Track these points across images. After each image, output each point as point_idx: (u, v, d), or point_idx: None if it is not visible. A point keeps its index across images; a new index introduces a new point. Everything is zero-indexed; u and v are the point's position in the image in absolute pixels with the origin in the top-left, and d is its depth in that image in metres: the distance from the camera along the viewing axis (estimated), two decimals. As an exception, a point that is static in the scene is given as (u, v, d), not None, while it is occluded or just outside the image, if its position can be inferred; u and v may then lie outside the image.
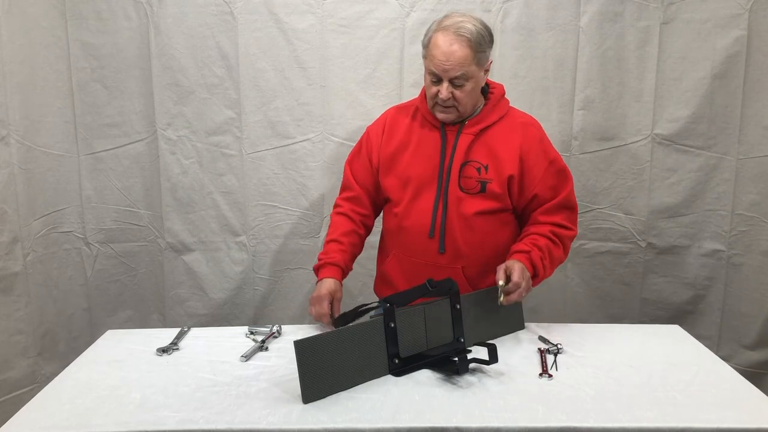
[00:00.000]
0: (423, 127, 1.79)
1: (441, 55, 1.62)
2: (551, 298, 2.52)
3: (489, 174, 1.71)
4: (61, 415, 1.26)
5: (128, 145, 2.37)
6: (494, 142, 1.73)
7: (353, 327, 1.45)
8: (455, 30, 1.62)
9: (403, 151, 1.78)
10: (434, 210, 1.72)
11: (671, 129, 2.39)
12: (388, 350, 1.46)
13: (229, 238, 2.46)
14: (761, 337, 2.41)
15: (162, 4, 2.26)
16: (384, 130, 1.83)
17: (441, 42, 1.63)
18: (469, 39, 1.62)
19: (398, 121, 1.83)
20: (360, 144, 1.90)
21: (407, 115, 1.83)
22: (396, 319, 1.47)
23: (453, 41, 1.62)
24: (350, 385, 1.39)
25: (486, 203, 1.72)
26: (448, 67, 1.63)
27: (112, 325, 2.39)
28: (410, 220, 1.75)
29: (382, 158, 1.81)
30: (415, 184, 1.75)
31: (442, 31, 1.64)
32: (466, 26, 1.62)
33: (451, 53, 1.62)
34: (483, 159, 1.72)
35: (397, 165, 1.78)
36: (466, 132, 1.74)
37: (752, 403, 1.33)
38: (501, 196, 1.72)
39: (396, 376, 1.45)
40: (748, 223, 2.40)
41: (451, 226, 1.72)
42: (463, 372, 1.42)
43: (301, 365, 1.32)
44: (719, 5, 2.28)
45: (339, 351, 1.38)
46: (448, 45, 1.62)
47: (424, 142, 1.77)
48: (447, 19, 1.66)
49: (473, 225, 1.72)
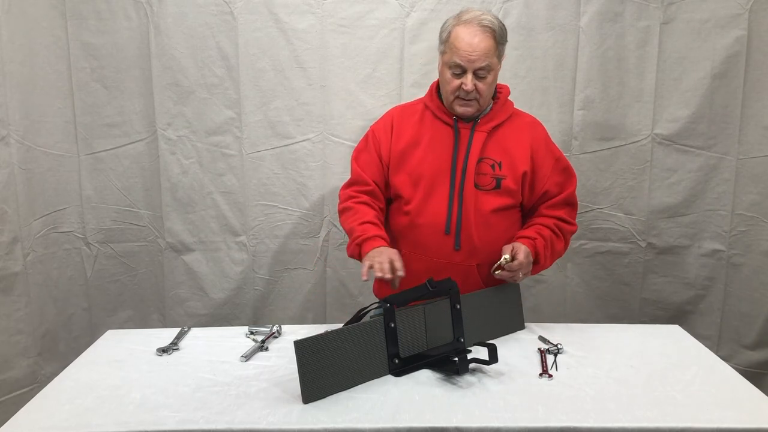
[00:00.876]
0: (434, 124, 1.79)
1: (467, 46, 1.64)
2: (551, 298, 2.52)
3: (503, 171, 1.74)
4: (61, 415, 1.26)
5: (128, 145, 2.37)
6: (505, 139, 1.77)
7: (353, 327, 1.45)
8: (479, 22, 1.66)
9: (414, 148, 1.78)
10: (449, 206, 1.72)
11: (671, 129, 2.39)
12: (388, 350, 1.46)
13: (229, 238, 2.46)
14: (761, 337, 2.41)
15: (162, 4, 2.26)
16: (393, 127, 1.82)
17: (465, 34, 1.65)
18: (492, 30, 1.67)
19: (405, 119, 1.83)
20: (366, 142, 1.88)
21: (413, 114, 1.84)
22: (396, 319, 1.47)
23: (477, 32, 1.65)
24: (350, 385, 1.39)
25: (501, 200, 1.75)
26: (474, 57, 1.65)
27: (112, 325, 2.39)
28: (424, 217, 1.74)
29: (393, 155, 1.79)
30: (427, 180, 1.75)
31: (464, 24, 1.67)
32: (488, 18, 1.67)
33: (477, 44, 1.65)
34: (497, 156, 1.75)
35: (408, 162, 1.78)
36: (480, 129, 1.75)
37: (752, 403, 1.33)
38: (515, 192, 1.75)
39: (396, 376, 1.45)
40: (748, 223, 2.40)
41: (468, 222, 1.72)
42: (463, 372, 1.43)
43: (301, 365, 1.32)
44: (719, 5, 2.28)
45: (339, 351, 1.38)
46: (474, 36, 1.65)
47: (436, 139, 1.77)
48: (466, 13, 1.69)
49: (490, 222, 1.74)
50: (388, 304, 1.47)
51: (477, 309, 1.64)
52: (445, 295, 1.57)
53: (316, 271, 2.48)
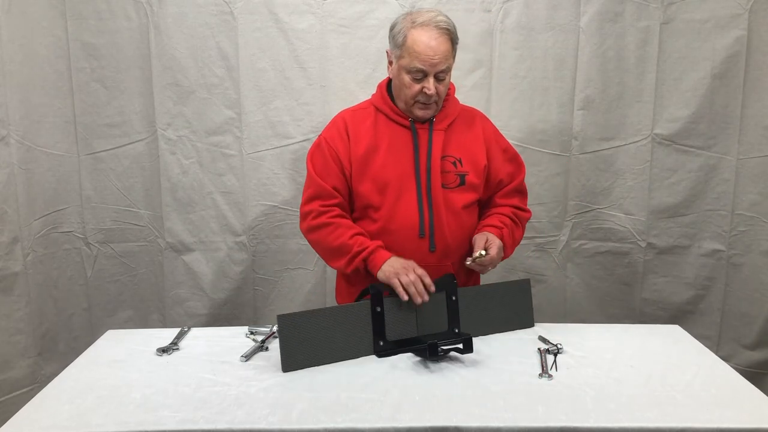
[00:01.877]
0: (390, 127, 1.75)
1: (428, 50, 1.62)
2: (551, 298, 2.52)
3: (465, 167, 1.75)
4: (61, 415, 1.26)
5: (128, 145, 2.37)
6: (460, 135, 1.78)
7: (338, 307, 1.53)
8: (436, 24, 1.63)
9: (374, 153, 1.72)
10: (420, 209, 1.71)
11: (671, 129, 2.39)
12: (373, 332, 1.52)
13: (229, 238, 2.46)
14: (761, 337, 2.41)
15: (162, 4, 2.26)
16: (348, 134, 1.75)
17: (425, 38, 1.62)
18: (449, 31, 1.65)
19: (358, 124, 1.76)
20: (320, 152, 1.76)
21: (365, 117, 1.77)
22: (385, 305, 1.53)
23: (437, 35, 1.62)
24: (332, 360, 1.48)
25: (467, 195, 1.76)
26: (436, 61, 1.63)
27: (112, 325, 2.39)
28: (396, 223, 1.71)
29: (354, 162, 1.72)
30: (393, 186, 1.72)
31: (422, 27, 1.63)
32: (443, 19, 1.65)
33: (437, 47, 1.62)
34: (456, 153, 1.75)
35: (370, 168, 1.72)
36: (437, 128, 1.75)
37: (752, 403, 1.33)
38: (478, 187, 1.77)
39: (379, 357, 1.51)
40: (748, 223, 2.40)
41: (440, 223, 1.71)
42: (433, 356, 1.46)
43: (283, 337, 1.44)
44: (719, 5, 2.28)
45: (322, 328, 1.46)
46: (434, 39, 1.62)
47: (395, 142, 1.74)
48: (420, 15, 1.66)
49: (461, 219, 1.75)
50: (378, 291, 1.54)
51: (481, 302, 1.67)
52: (443, 289, 1.61)
53: (316, 271, 2.48)
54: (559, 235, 2.49)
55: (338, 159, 1.74)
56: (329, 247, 1.72)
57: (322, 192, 1.74)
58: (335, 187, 1.73)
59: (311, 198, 1.75)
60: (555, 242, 2.50)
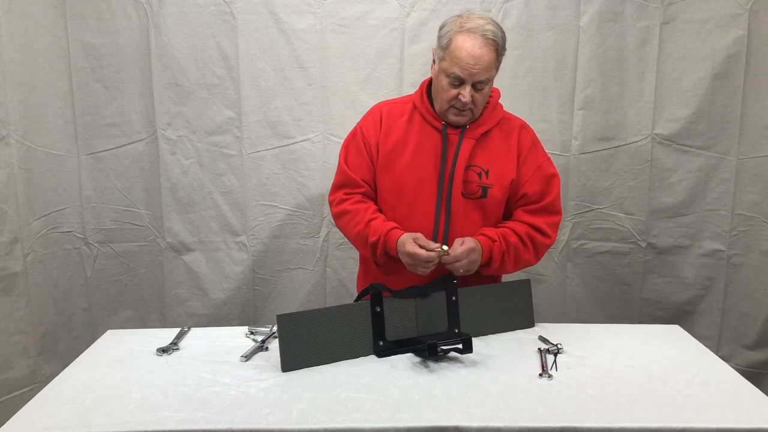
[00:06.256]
0: (423, 127, 1.74)
1: (470, 59, 1.58)
2: (551, 298, 2.52)
3: (490, 179, 1.71)
4: (61, 415, 1.26)
5: (128, 145, 2.37)
6: (493, 146, 1.73)
7: (337, 307, 1.52)
8: (482, 33, 1.59)
9: (401, 151, 1.73)
10: (437, 216, 1.69)
11: (671, 129, 2.39)
12: (373, 332, 1.53)
13: (229, 238, 2.46)
14: (761, 337, 2.40)
15: (162, 4, 2.26)
16: (381, 125, 1.76)
17: (469, 45, 1.58)
18: (495, 42, 1.61)
19: (394, 118, 1.77)
20: (354, 141, 1.80)
21: (402, 113, 1.77)
22: (384, 305, 1.53)
23: (481, 45, 1.58)
24: (332, 360, 1.48)
25: (489, 208, 1.72)
26: (476, 71, 1.59)
27: (112, 325, 2.39)
28: (410, 226, 1.69)
29: (381, 153, 1.74)
30: (412, 188, 1.71)
31: (468, 33, 1.59)
32: (491, 29, 1.60)
33: (480, 57, 1.58)
34: (483, 164, 1.72)
35: (395, 165, 1.73)
36: (468, 136, 1.71)
37: (752, 403, 1.33)
38: (501, 201, 1.73)
39: (379, 357, 1.51)
40: (748, 223, 2.40)
41: (454, 232, 1.69)
42: (432, 356, 1.46)
43: (282, 337, 1.44)
44: (719, 5, 2.28)
45: (321, 328, 1.47)
46: (477, 48, 1.58)
47: (423, 144, 1.73)
48: (469, 20, 1.61)
49: (475, 230, 1.70)
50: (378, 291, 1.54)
51: (481, 302, 1.67)
52: (443, 289, 1.61)
53: (316, 271, 2.48)
54: (559, 235, 2.49)
55: (369, 147, 1.77)
56: (350, 235, 1.77)
57: (349, 181, 1.78)
58: (364, 178, 1.77)
59: (338, 187, 1.81)
60: (555, 242, 2.49)
